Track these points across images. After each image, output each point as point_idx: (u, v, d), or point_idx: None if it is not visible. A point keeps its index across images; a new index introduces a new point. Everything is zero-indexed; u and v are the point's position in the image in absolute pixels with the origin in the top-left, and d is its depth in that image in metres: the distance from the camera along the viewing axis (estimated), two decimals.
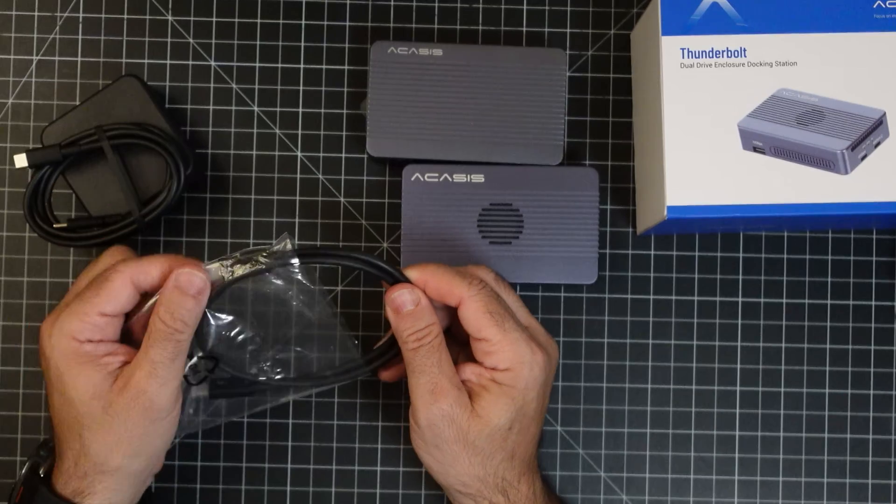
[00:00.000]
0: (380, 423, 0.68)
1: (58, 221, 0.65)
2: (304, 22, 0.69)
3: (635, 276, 0.69)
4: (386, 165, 0.69)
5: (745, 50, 0.60)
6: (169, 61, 0.69)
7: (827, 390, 0.69)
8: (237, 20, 0.69)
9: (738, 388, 0.69)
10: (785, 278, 0.69)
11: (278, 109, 0.69)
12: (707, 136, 0.60)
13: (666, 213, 0.59)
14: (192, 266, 0.56)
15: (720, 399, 0.69)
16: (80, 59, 0.69)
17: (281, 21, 0.69)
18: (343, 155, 0.69)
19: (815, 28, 0.60)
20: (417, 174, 0.65)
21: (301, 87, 0.69)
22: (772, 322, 0.69)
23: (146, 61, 0.69)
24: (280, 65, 0.69)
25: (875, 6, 0.60)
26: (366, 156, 0.69)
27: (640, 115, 0.67)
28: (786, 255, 0.69)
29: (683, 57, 0.60)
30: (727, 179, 0.59)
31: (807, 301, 0.69)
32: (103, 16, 0.69)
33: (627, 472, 0.68)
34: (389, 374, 0.62)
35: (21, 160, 0.64)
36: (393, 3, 0.69)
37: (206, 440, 0.68)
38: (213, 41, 0.69)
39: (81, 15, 0.69)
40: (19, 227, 0.68)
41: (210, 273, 0.57)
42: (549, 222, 0.65)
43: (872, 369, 0.69)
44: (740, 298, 0.69)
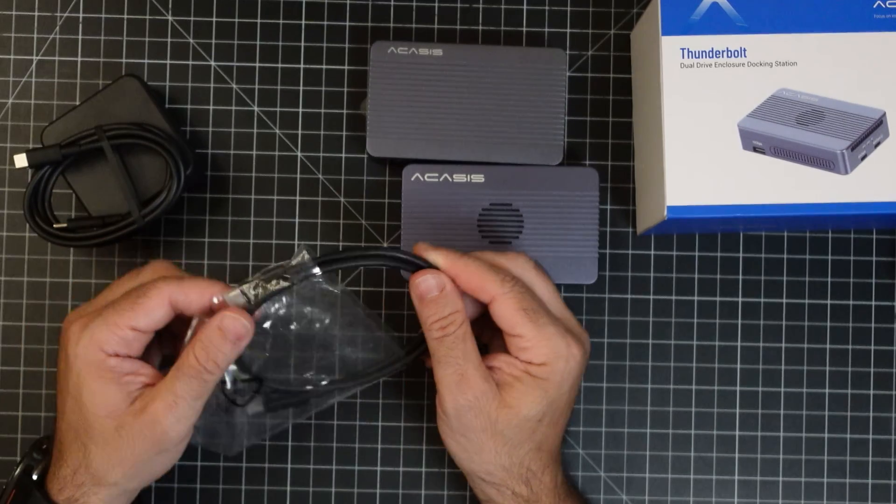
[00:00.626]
0: (380, 424, 0.68)
1: (58, 221, 0.65)
2: (304, 22, 0.69)
3: (635, 276, 0.69)
4: (386, 165, 0.69)
5: (745, 50, 0.60)
6: (169, 61, 0.69)
7: (827, 390, 0.69)
8: (237, 20, 0.69)
9: (738, 388, 0.69)
10: (785, 278, 0.69)
11: (278, 109, 0.69)
12: (707, 136, 0.60)
13: (666, 213, 0.59)
14: (236, 311, 0.55)
15: (720, 399, 0.69)
16: (80, 59, 0.69)
17: (281, 21, 0.69)
18: (343, 155, 0.69)
19: (815, 28, 0.60)
20: (417, 174, 0.65)
21: (301, 87, 0.69)
22: (772, 322, 0.69)
23: (146, 61, 0.69)
24: (280, 65, 0.69)
25: (875, 6, 0.60)
26: (366, 156, 0.69)
27: (640, 115, 0.67)
28: (786, 255, 0.69)
29: (683, 57, 0.60)
30: (727, 179, 0.59)
31: (807, 301, 0.69)
32: (103, 16, 0.69)
33: (627, 472, 0.68)
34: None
35: (21, 160, 0.64)
36: (393, 3, 0.69)
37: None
38: (213, 41, 0.69)
39: (81, 15, 0.69)
40: (19, 227, 0.68)
41: (233, 299, 0.56)
42: (549, 222, 0.65)
43: (872, 369, 0.69)
44: (740, 298, 0.69)
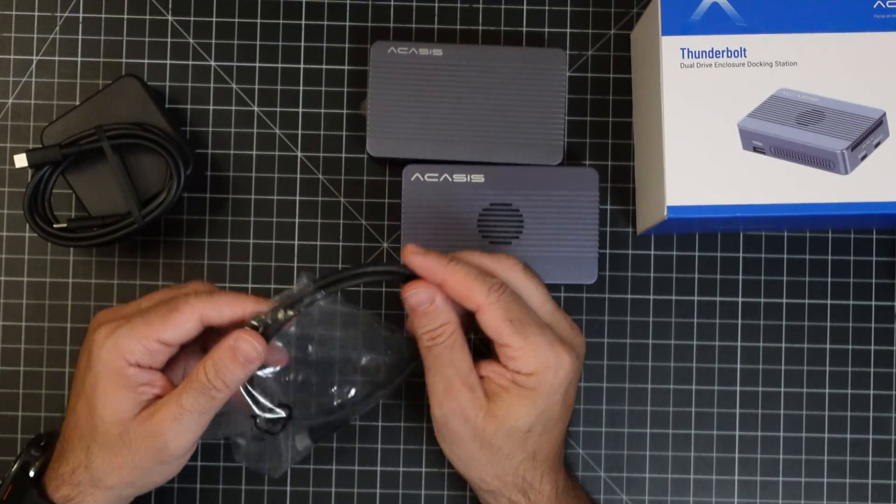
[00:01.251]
0: (379, 424, 0.68)
1: (58, 221, 0.65)
2: (304, 22, 0.69)
3: (635, 276, 0.69)
4: (386, 165, 0.69)
5: (745, 50, 0.60)
6: (169, 61, 0.69)
7: (827, 390, 0.69)
8: (237, 20, 0.69)
9: (738, 388, 0.69)
10: (785, 278, 0.69)
11: (278, 109, 0.69)
12: (707, 136, 0.60)
13: (666, 213, 0.59)
14: (249, 333, 0.55)
15: (720, 399, 0.69)
16: (80, 59, 0.69)
17: (281, 21, 0.69)
18: (343, 155, 0.69)
19: (815, 28, 0.60)
20: (417, 174, 0.65)
21: (301, 87, 0.69)
22: (772, 322, 0.69)
23: (146, 61, 0.69)
24: (280, 65, 0.69)
25: (875, 6, 0.60)
26: (366, 156, 0.69)
27: (640, 115, 0.67)
28: (786, 255, 0.69)
29: (683, 57, 0.60)
30: (727, 179, 0.59)
31: (807, 301, 0.69)
32: (103, 16, 0.69)
33: (627, 472, 0.68)
34: None
35: (21, 160, 0.64)
36: (393, 3, 0.69)
37: (205, 441, 0.67)
38: (213, 41, 0.69)
39: (81, 15, 0.69)
40: (19, 227, 0.68)
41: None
42: (549, 222, 0.65)
43: (872, 369, 0.69)
44: (740, 298, 0.69)
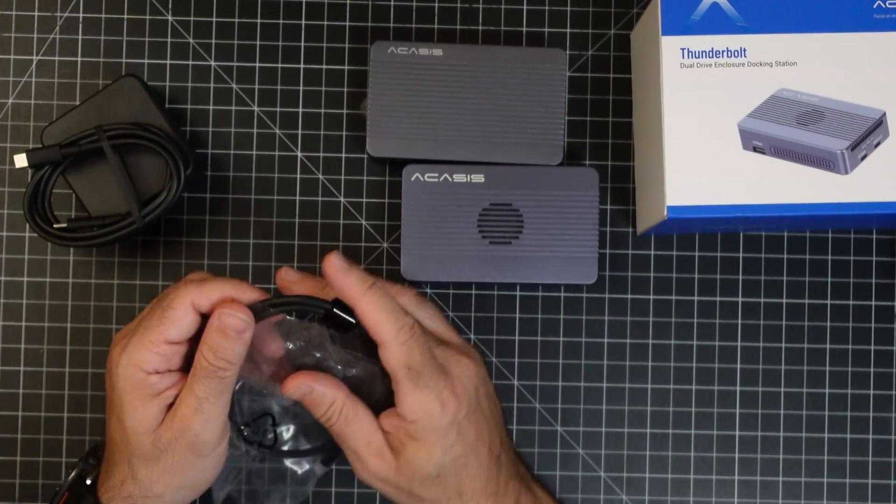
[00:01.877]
0: None
1: (58, 221, 0.65)
2: (304, 22, 0.69)
3: (635, 276, 0.69)
4: (386, 165, 0.69)
5: (745, 50, 0.60)
6: (169, 61, 0.69)
7: (827, 390, 0.69)
8: (237, 20, 0.69)
9: (738, 388, 0.69)
10: (785, 278, 0.69)
11: (278, 109, 0.69)
12: (707, 136, 0.60)
13: (666, 213, 0.59)
14: (233, 306, 0.55)
15: (720, 399, 0.69)
16: (80, 59, 0.69)
17: (281, 21, 0.69)
18: (343, 155, 0.69)
19: (815, 28, 0.60)
20: (417, 174, 0.65)
21: (301, 87, 0.69)
22: (772, 322, 0.69)
23: (146, 61, 0.69)
24: (280, 65, 0.69)
25: (875, 6, 0.60)
26: (366, 156, 0.69)
27: (640, 115, 0.67)
28: (786, 255, 0.69)
29: (683, 57, 0.60)
30: (727, 179, 0.59)
31: (807, 301, 0.69)
32: (103, 16, 0.69)
33: (627, 472, 0.68)
34: None
35: (21, 160, 0.64)
36: (393, 3, 0.69)
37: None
38: (213, 41, 0.69)
39: (81, 15, 0.69)
40: (19, 227, 0.68)
41: None
42: (549, 222, 0.65)
43: (872, 369, 0.69)
44: (740, 298, 0.69)
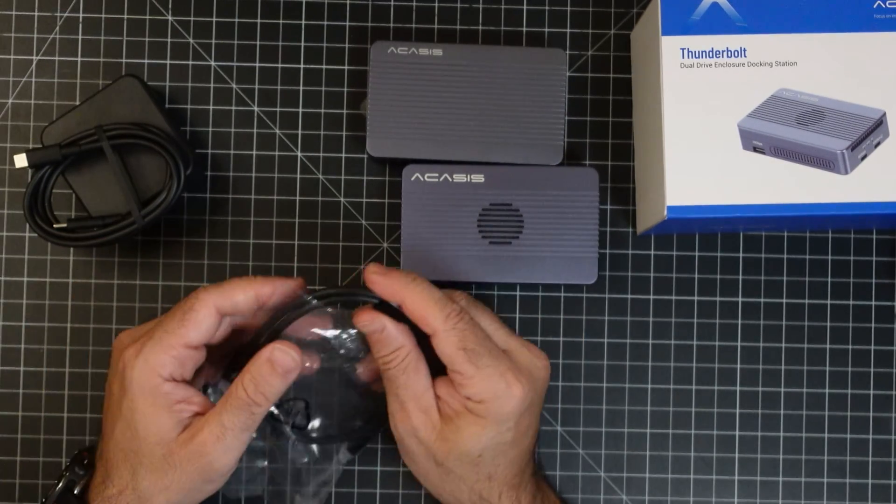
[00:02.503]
0: None
1: (58, 221, 0.65)
2: (304, 22, 0.69)
3: (635, 276, 0.69)
4: (386, 165, 0.69)
5: (745, 50, 0.60)
6: (169, 61, 0.69)
7: (827, 390, 0.69)
8: (237, 20, 0.69)
9: (738, 388, 0.69)
10: (785, 278, 0.69)
11: (278, 109, 0.69)
12: (707, 136, 0.60)
13: (666, 213, 0.59)
14: (287, 344, 0.56)
15: (720, 399, 0.69)
16: (80, 59, 0.69)
17: (281, 21, 0.69)
18: (343, 155, 0.69)
19: (815, 28, 0.60)
20: (417, 174, 0.65)
21: (301, 87, 0.69)
22: (772, 322, 0.69)
23: (146, 61, 0.69)
24: (280, 65, 0.69)
25: (875, 6, 0.60)
26: (366, 156, 0.69)
27: (640, 115, 0.67)
28: (786, 255, 0.69)
29: (683, 57, 0.60)
30: (727, 179, 0.59)
31: (807, 301, 0.69)
32: (103, 16, 0.69)
33: (627, 472, 0.68)
34: None
35: (21, 160, 0.64)
36: (393, 3, 0.69)
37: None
38: (213, 41, 0.69)
39: (81, 15, 0.69)
40: (19, 227, 0.68)
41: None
42: (549, 222, 0.65)
43: (872, 369, 0.69)
44: (740, 298, 0.69)
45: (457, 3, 0.69)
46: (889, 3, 0.60)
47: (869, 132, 0.59)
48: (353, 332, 0.59)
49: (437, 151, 0.66)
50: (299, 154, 0.69)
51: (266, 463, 0.64)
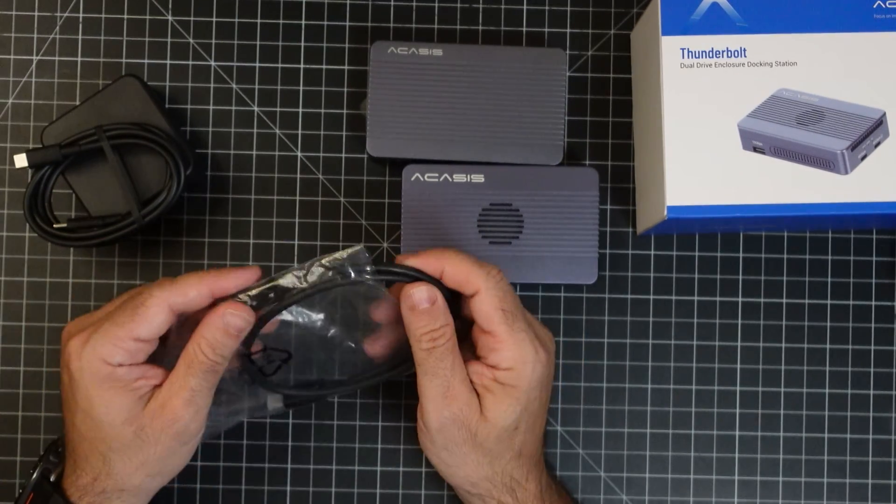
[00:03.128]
0: (380, 423, 0.68)
1: (58, 221, 0.65)
2: (304, 22, 0.69)
3: (635, 276, 0.69)
4: (386, 165, 0.69)
5: (745, 50, 0.60)
6: (169, 61, 0.69)
7: (827, 390, 0.69)
8: (237, 20, 0.69)
9: (738, 388, 0.69)
10: (785, 278, 0.69)
11: (278, 109, 0.69)
12: (707, 136, 0.60)
13: (666, 213, 0.59)
14: (236, 307, 0.56)
15: (720, 399, 0.69)
16: (80, 59, 0.69)
17: (281, 21, 0.69)
18: (343, 155, 0.69)
19: (815, 28, 0.60)
20: (417, 174, 0.65)
21: (301, 87, 0.69)
22: (772, 322, 0.69)
23: (146, 61, 0.69)
24: (280, 65, 0.69)
25: (875, 6, 0.60)
26: (366, 156, 0.69)
27: (640, 115, 0.67)
28: (786, 255, 0.69)
29: (683, 57, 0.60)
30: (727, 179, 0.59)
31: (807, 301, 0.69)
32: (103, 16, 0.69)
33: (627, 472, 0.68)
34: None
35: (21, 160, 0.64)
36: (393, 3, 0.69)
37: (205, 440, 0.68)
38: (213, 41, 0.69)
39: (81, 15, 0.69)
40: (19, 227, 0.68)
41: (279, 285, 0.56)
42: (549, 222, 0.65)
43: (872, 369, 0.69)
44: (740, 298, 0.69)
45: (457, 3, 0.69)
46: (889, 3, 0.60)
47: (869, 132, 0.59)
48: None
49: (437, 151, 0.66)
50: (299, 154, 0.69)
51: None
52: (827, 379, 0.69)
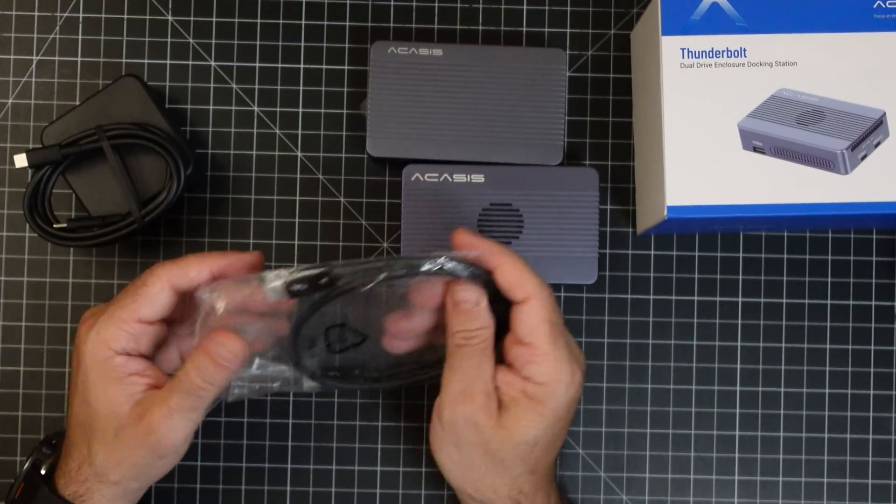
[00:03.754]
0: (380, 423, 0.68)
1: (58, 221, 0.65)
2: (304, 22, 0.69)
3: (635, 276, 0.69)
4: (386, 165, 0.69)
5: (745, 50, 0.60)
6: (169, 61, 0.69)
7: (827, 390, 0.69)
8: (237, 20, 0.69)
9: (738, 388, 0.69)
10: (785, 278, 0.69)
11: (278, 109, 0.69)
12: (707, 136, 0.60)
13: (666, 213, 0.59)
14: (228, 336, 0.55)
15: (720, 399, 0.69)
16: (80, 59, 0.69)
17: (281, 21, 0.69)
18: (343, 155, 0.69)
19: (815, 28, 0.60)
20: (417, 174, 0.65)
21: (301, 87, 0.69)
22: (772, 322, 0.69)
23: (146, 61, 0.69)
24: (280, 65, 0.69)
25: (875, 6, 0.60)
26: (366, 156, 0.69)
27: (640, 115, 0.67)
28: (786, 255, 0.69)
29: (683, 57, 0.60)
30: (727, 179, 0.59)
31: (807, 301, 0.69)
32: (103, 16, 0.69)
33: (627, 472, 0.68)
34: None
35: (21, 160, 0.64)
36: (393, 3, 0.69)
37: (205, 440, 0.68)
38: (213, 41, 0.69)
39: (81, 15, 0.69)
40: (19, 227, 0.68)
41: (272, 288, 0.55)
42: (549, 222, 0.65)
43: (872, 369, 0.69)
44: (740, 298, 0.69)
45: (457, 3, 0.69)
46: (889, 3, 0.60)
47: (869, 132, 0.59)
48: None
49: (437, 151, 0.66)
50: (299, 154, 0.69)
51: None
52: (827, 379, 0.69)
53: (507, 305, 0.57)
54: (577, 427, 0.68)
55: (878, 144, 0.60)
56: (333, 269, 0.55)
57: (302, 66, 0.69)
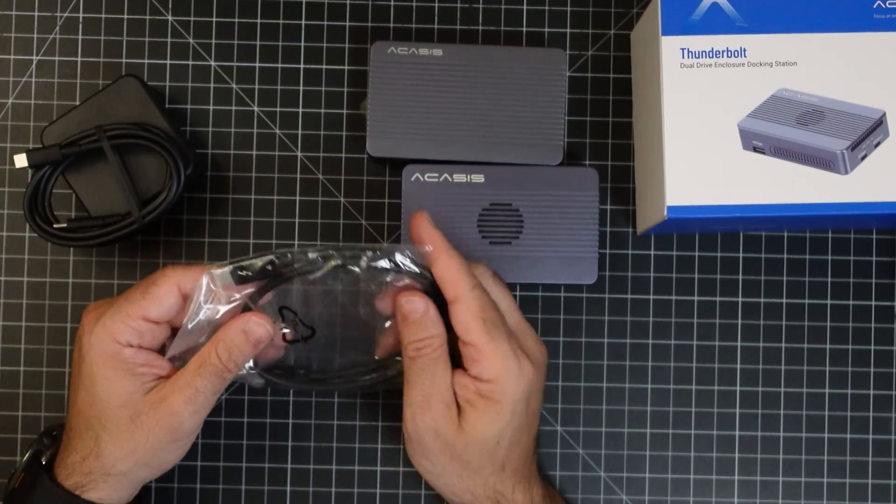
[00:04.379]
0: (380, 423, 0.68)
1: (58, 221, 0.65)
2: (304, 22, 0.69)
3: (635, 276, 0.69)
4: (386, 165, 0.69)
5: (745, 50, 0.60)
6: (169, 61, 0.69)
7: (827, 390, 0.69)
8: (237, 20, 0.69)
9: (738, 388, 0.69)
10: (785, 278, 0.69)
11: (278, 109, 0.69)
12: (707, 136, 0.60)
13: (666, 213, 0.59)
14: (260, 317, 0.56)
15: (720, 399, 0.69)
16: (80, 59, 0.69)
17: (281, 21, 0.69)
18: (343, 155, 0.69)
19: (815, 28, 0.60)
20: (417, 174, 0.65)
21: (301, 87, 0.69)
22: (772, 322, 0.69)
23: (146, 61, 0.69)
24: (280, 65, 0.69)
25: (875, 6, 0.60)
26: (366, 156, 0.69)
27: (640, 115, 0.67)
28: (786, 255, 0.69)
29: (683, 57, 0.60)
30: (727, 179, 0.59)
31: (807, 301, 0.69)
32: (103, 16, 0.69)
33: (627, 472, 0.68)
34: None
35: (21, 160, 0.64)
36: (393, 3, 0.69)
37: (205, 440, 0.68)
38: (213, 41, 0.69)
39: (81, 15, 0.69)
40: (19, 227, 0.68)
41: (221, 275, 0.56)
42: (549, 222, 0.65)
43: (872, 369, 0.69)
44: (740, 298, 0.69)
45: (457, 3, 0.69)
46: (889, 3, 0.60)
47: (869, 132, 0.59)
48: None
49: (437, 151, 0.66)
50: (299, 154, 0.69)
51: None
52: (827, 379, 0.69)
53: None
54: (576, 427, 0.68)
55: (878, 144, 0.60)
56: (283, 256, 0.56)
57: (302, 66, 0.69)
